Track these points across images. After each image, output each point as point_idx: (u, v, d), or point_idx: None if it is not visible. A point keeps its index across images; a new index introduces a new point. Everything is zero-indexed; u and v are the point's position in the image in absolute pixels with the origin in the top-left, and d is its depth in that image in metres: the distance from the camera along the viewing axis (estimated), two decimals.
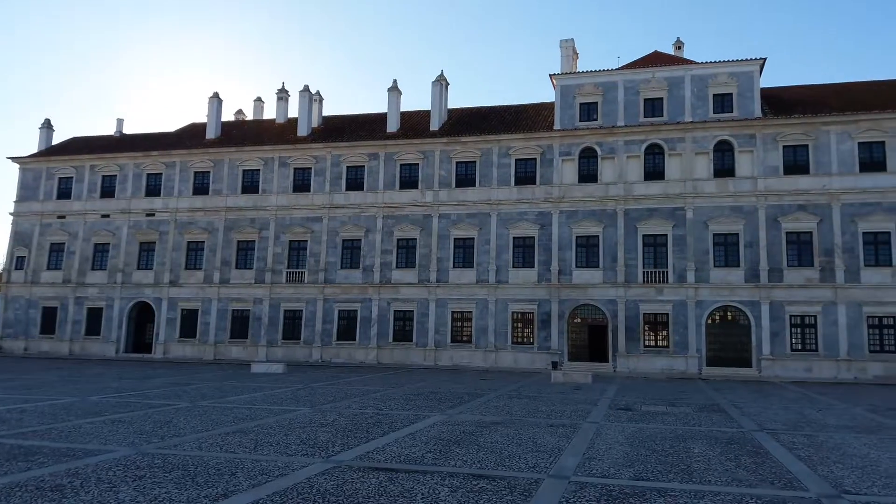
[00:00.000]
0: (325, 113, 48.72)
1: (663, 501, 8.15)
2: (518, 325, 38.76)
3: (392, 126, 43.93)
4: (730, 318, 36.06)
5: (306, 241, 42.49)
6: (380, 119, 45.81)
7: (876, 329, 33.94)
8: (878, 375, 33.27)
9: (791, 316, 34.92)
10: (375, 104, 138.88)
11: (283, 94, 48.79)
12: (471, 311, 39.33)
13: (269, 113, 52.41)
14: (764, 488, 9.00)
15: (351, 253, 41.87)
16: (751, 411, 18.58)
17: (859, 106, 36.38)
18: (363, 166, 42.50)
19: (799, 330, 34.84)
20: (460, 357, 38.93)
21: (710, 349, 35.89)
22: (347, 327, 41.08)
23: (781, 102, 38.88)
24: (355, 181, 42.55)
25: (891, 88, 38.55)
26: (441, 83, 44.15)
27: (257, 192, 43.89)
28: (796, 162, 36.26)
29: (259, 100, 53.45)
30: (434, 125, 43.15)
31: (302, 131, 45.35)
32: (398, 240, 41.19)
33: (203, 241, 44.09)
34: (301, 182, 43.43)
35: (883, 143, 35.19)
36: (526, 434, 13.37)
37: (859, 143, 35.48)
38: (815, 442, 13.18)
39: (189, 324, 43.54)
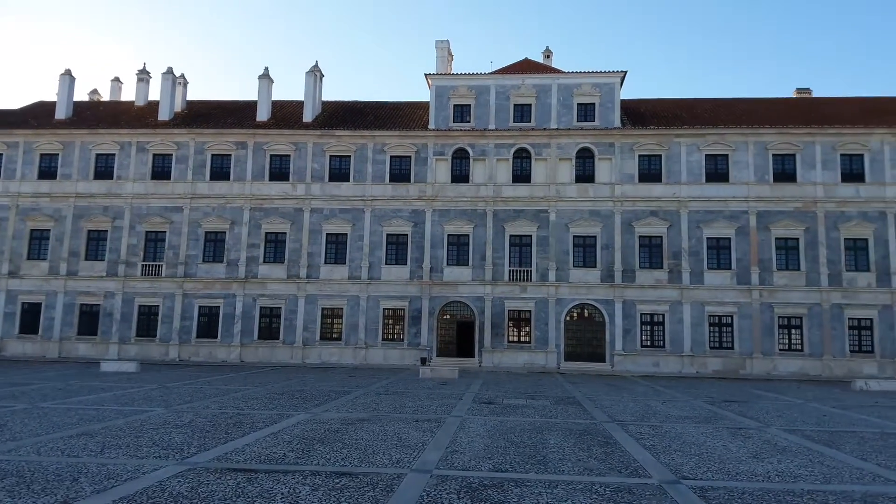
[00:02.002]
0: (190, 98, 46.33)
1: (520, 492, 8.45)
2: (389, 322, 38.83)
3: (262, 115, 42.53)
4: (587, 315, 38.11)
5: (165, 231, 40.19)
6: (249, 107, 44.18)
7: (716, 327, 37.11)
8: (717, 370, 36.43)
9: (642, 314, 37.45)
10: (245, 93, 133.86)
11: (143, 76, 45.83)
12: (342, 308, 38.91)
13: (128, 95, 49.09)
14: (612, 476, 9.56)
15: (214, 246, 40.08)
16: (603, 404, 19.72)
17: (707, 121, 39.61)
18: (230, 155, 40.81)
19: (648, 327, 37.44)
20: (329, 355, 38.42)
21: (568, 345, 37.75)
22: (209, 324, 39.30)
23: (638, 114, 41.55)
24: (221, 170, 40.77)
25: (734, 106, 42.29)
26: (315, 74, 43.30)
27: (112, 178, 40.92)
28: (650, 170, 38.89)
29: (117, 80, 49.78)
30: (307, 116, 42.24)
31: (163, 115, 42.83)
32: (266, 233, 39.95)
33: (49, 230, 40.53)
34: (160, 169, 41.00)
35: (727, 155, 38.50)
36: (391, 430, 13.41)
37: (706, 155, 38.60)
38: (660, 432, 14.18)
39: (31, 318, 39.87)
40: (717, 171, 38.43)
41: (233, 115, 43.45)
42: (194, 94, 72.56)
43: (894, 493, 8.72)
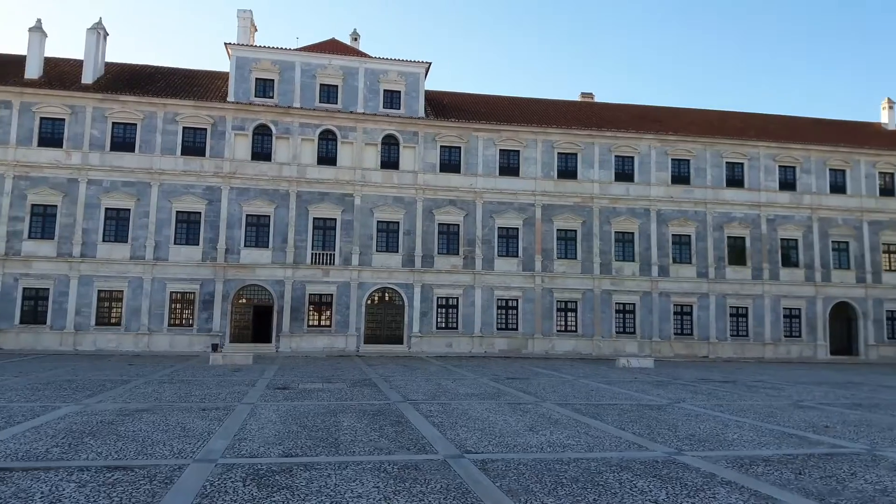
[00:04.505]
0: None
1: (309, 475, 8.40)
2: (177, 307, 36.46)
3: (33, 72, 37.58)
4: (387, 299, 38.83)
5: None
6: (16, 62, 38.78)
7: (503, 310, 39.69)
8: (503, 349, 39.01)
9: (438, 297, 38.96)
10: (11, 47, 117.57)
11: None
12: (122, 291, 35.79)
13: None
14: (401, 454, 9.83)
15: None
16: (398, 384, 20.24)
17: (502, 118, 41.96)
18: None
19: (444, 310, 39.07)
20: (106, 341, 35.21)
21: (369, 328, 38.23)
22: None
23: (442, 105, 42.92)
24: None
25: (527, 105, 45.24)
26: (98, 32, 39.13)
27: None
28: (451, 161, 40.43)
29: None
30: (87, 78, 38.07)
31: None
32: (33, 205, 35.49)
33: None
34: None
35: (518, 151, 41.13)
36: (174, 420, 12.64)
37: (500, 150, 40.95)
38: (448, 409, 14.85)
39: None
40: (509, 165, 40.94)
41: None
42: None
43: (644, 458, 9.90)
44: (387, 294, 38.82)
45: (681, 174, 42.52)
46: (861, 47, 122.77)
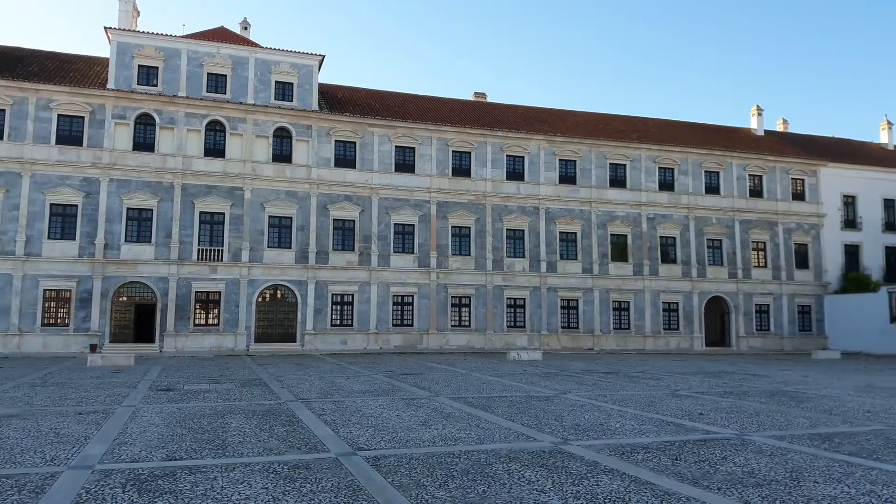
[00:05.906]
0: None
1: (194, 479, 8.16)
2: (51, 305, 34.14)
3: None
4: (279, 296, 38.01)
5: None
6: None
7: (398, 306, 39.83)
8: (399, 345, 39.17)
9: (333, 294, 38.57)
10: None
11: None
12: None
13: None
14: (292, 454, 9.69)
15: None
16: (290, 383, 19.89)
17: (398, 114, 42.03)
18: None
19: (339, 307, 38.71)
20: None
21: (259, 326, 37.30)
22: None
23: (336, 100, 42.43)
24: None
25: (421, 102, 45.51)
26: None
27: None
28: (346, 156, 40.08)
29: None
30: None
31: None
32: None
33: None
34: None
35: (414, 148, 41.35)
36: (47, 425, 11.88)
37: (396, 147, 41.01)
38: (341, 407, 14.76)
39: None
40: (405, 162, 41.11)
41: None
42: None
43: (532, 448, 10.25)
44: (279, 291, 37.99)
45: (567, 174, 44.19)
46: (734, 54, 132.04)
